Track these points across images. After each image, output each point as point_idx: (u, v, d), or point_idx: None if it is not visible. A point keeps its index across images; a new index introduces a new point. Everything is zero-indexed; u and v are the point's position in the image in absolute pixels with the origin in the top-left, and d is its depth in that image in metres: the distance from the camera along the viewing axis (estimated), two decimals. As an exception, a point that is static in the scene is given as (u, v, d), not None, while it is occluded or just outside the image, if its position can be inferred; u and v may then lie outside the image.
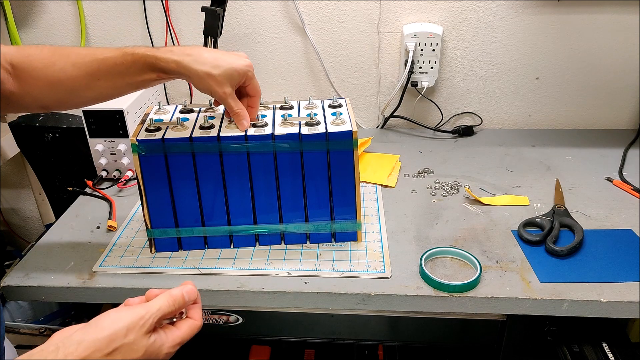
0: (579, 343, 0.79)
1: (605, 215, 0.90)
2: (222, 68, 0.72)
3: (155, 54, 0.70)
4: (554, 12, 1.15)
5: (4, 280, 0.78)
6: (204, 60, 0.71)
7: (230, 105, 0.75)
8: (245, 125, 0.76)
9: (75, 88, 0.72)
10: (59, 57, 0.70)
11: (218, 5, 1.03)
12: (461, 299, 0.73)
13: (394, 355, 1.07)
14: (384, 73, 1.25)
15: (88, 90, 0.73)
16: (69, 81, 0.71)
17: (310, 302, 0.75)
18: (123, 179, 1.04)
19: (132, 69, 0.71)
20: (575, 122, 1.28)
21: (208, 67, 0.71)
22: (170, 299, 0.54)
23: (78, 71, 0.70)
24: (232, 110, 0.75)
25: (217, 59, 0.72)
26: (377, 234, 0.86)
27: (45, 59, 0.70)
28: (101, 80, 0.71)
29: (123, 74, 0.71)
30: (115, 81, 0.72)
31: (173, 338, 0.53)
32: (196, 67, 0.71)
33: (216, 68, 0.71)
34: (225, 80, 0.73)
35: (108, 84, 0.72)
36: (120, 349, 0.48)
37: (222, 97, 0.74)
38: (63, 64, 0.70)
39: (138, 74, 0.71)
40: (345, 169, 0.79)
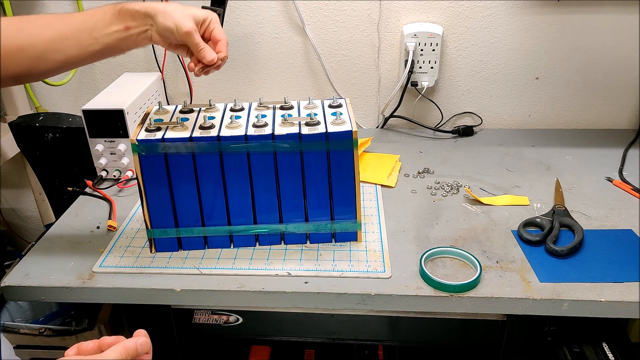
0: (579, 343, 0.79)
1: (605, 215, 0.90)
2: (186, 9, 0.74)
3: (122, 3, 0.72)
4: (554, 12, 1.15)
5: (4, 280, 0.78)
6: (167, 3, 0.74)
7: (196, 43, 0.74)
8: (210, 57, 0.75)
9: (44, 51, 0.71)
10: (27, 21, 0.71)
11: (218, 5, 1.03)
12: (461, 299, 0.73)
13: (394, 355, 1.07)
14: (384, 73, 1.25)
15: (56, 52, 0.72)
16: (39, 44, 0.70)
17: (310, 302, 0.75)
18: (123, 179, 1.04)
19: (100, 22, 0.71)
20: (575, 122, 1.28)
21: (173, 5, 0.73)
22: (123, 351, 0.53)
23: (48, 32, 0.70)
24: (198, 47, 0.75)
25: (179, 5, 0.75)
26: (377, 234, 0.86)
27: (13, 25, 0.70)
28: (70, 39, 0.71)
29: (91, 28, 0.71)
30: (83, 38, 0.72)
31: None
32: (160, 5, 0.72)
33: (179, 7, 0.74)
34: (189, 16, 0.73)
35: (76, 42, 0.72)
36: None
37: (189, 32, 0.73)
38: (31, 26, 0.70)
39: (105, 27, 0.71)
40: (345, 169, 0.79)
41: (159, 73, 1.25)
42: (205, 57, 0.75)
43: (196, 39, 0.74)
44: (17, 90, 1.28)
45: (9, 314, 1.19)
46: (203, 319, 0.84)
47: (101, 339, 0.54)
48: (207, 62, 0.75)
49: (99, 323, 1.02)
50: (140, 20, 0.72)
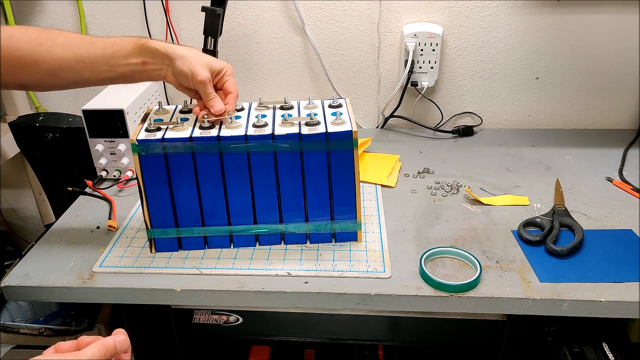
0: (579, 343, 0.79)
1: (605, 215, 0.90)
2: (205, 57, 0.77)
3: (144, 38, 0.75)
4: (554, 12, 1.15)
5: (4, 280, 0.78)
6: (187, 48, 0.76)
7: (208, 92, 0.77)
8: (219, 107, 0.78)
9: (58, 69, 0.73)
10: (46, 37, 0.71)
11: (218, 5, 1.03)
12: (461, 299, 0.73)
13: (394, 355, 1.07)
14: (384, 73, 1.25)
15: (70, 72, 0.73)
16: (53, 62, 0.72)
17: (310, 302, 0.75)
18: (123, 179, 1.04)
19: (119, 52, 0.73)
20: (575, 122, 1.28)
21: (192, 51, 0.76)
22: (102, 348, 0.53)
23: (64, 53, 0.72)
24: (209, 97, 0.77)
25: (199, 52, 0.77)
26: (377, 234, 0.86)
27: (31, 40, 0.71)
28: (86, 62, 0.73)
29: (109, 57, 0.73)
30: (99, 65, 0.73)
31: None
32: (181, 50, 0.75)
33: (199, 54, 0.77)
34: (206, 65, 0.76)
35: (91, 66, 0.73)
36: None
37: (202, 81, 0.76)
38: (50, 44, 0.71)
39: (123, 58, 0.73)
40: (345, 169, 0.79)
41: (159, 73, 1.25)
42: (213, 107, 0.78)
43: (208, 89, 0.77)
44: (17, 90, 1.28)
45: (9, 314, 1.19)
46: (203, 319, 0.84)
47: (79, 338, 0.54)
48: (215, 112, 0.78)
49: (99, 323, 1.02)
50: (159, 59, 0.75)
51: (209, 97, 0.77)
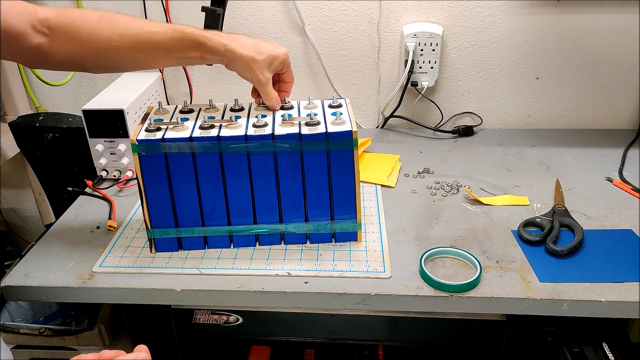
0: (579, 343, 0.79)
1: (605, 215, 0.90)
2: (264, 54, 0.77)
3: (204, 34, 0.74)
4: (554, 12, 1.15)
5: (4, 280, 0.78)
6: (247, 45, 0.76)
7: (267, 92, 0.80)
8: (277, 106, 0.83)
9: (118, 57, 0.73)
10: (106, 25, 0.71)
11: (218, 5, 1.03)
12: (461, 299, 0.73)
13: (394, 355, 1.07)
14: (384, 73, 1.25)
15: (129, 61, 0.75)
16: (113, 51, 0.72)
17: (310, 302, 0.75)
18: (123, 179, 1.04)
19: (178, 47, 0.74)
20: (575, 122, 1.28)
21: (252, 52, 0.76)
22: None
23: (123, 43, 0.72)
24: (268, 96, 0.81)
25: (259, 46, 0.77)
26: (377, 234, 0.86)
27: (90, 27, 0.70)
28: (145, 52, 0.73)
29: (168, 49, 0.74)
30: (158, 55, 0.74)
31: None
32: (241, 52, 0.75)
33: (259, 54, 0.76)
34: (266, 66, 0.77)
35: (151, 56, 0.74)
36: None
37: (262, 82, 0.78)
38: (109, 33, 0.71)
39: (183, 52, 0.74)
40: (345, 169, 0.79)
41: (159, 73, 1.25)
42: (272, 106, 0.82)
43: (267, 89, 0.80)
44: (17, 90, 1.28)
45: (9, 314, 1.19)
46: (203, 319, 0.84)
47: (101, 352, 0.54)
48: (272, 110, 0.83)
49: (99, 323, 1.02)
50: (218, 57, 0.76)
51: (269, 96, 0.81)
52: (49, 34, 0.69)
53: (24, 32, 0.67)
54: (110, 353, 0.54)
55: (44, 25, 0.68)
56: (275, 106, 0.82)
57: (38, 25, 0.68)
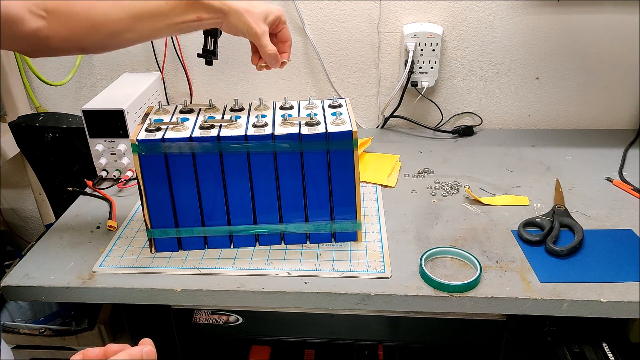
0: (579, 343, 0.79)
1: (605, 215, 0.90)
2: (259, 7, 0.76)
3: None
4: (554, 12, 1.15)
5: (4, 280, 0.78)
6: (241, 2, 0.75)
7: (265, 44, 0.78)
8: (277, 64, 0.80)
9: (117, 30, 0.72)
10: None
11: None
12: (461, 299, 0.73)
13: (394, 355, 1.07)
14: (384, 73, 1.25)
15: (130, 32, 0.74)
16: (111, 24, 0.71)
17: (310, 302, 0.75)
18: (123, 179, 1.04)
19: (175, 10, 0.73)
20: (575, 122, 1.28)
21: (246, 4, 0.75)
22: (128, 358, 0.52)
23: (120, 13, 0.71)
24: (266, 49, 0.78)
25: (252, 3, 0.76)
26: (377, 234, 0.86)
27: (85, 2, 0.70)
28: (143, 21, 0.73)
29: (165, 14, 0.73)
30: (156, 23, 0.74)
31: None
32: (236, 4, 0.74)
33: (253, 6, 0.76)
34: (261, 18, 0.76)
35: (150, 25, 0.74)
36: None
37: (258, 35, 0.76)
38: (104, 5, 0.71)
39: (179, 15, 0.73)
40: (345, 169, 0.79)
41: (159, 73, 1.25)
42: (271, 60, 0.80)
43: (264, 41, 0.77)
44: (17, 90, 1.28)
45: (9, 314, 1.19)
46: (203, 319, 0.84)
47: (107, 346, 0.54)
48: (272, 65, 0.81)
49: (99, 323, 1.02)
50: (214, 14, 0.75)
51: (266, 49, 0.78)
52: (46, 17, 0.69)
53: (22, 17, 0.66)
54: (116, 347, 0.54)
55: (40, 8, 0.68)
56: (275, 61, 0.80)
57: (35, 8, 0.67)
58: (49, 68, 1.28)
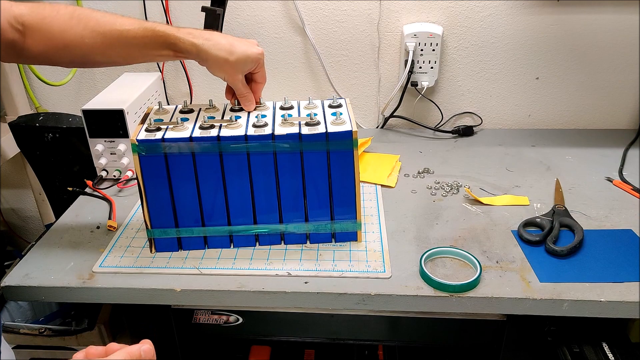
0: (579, 343, 0.79)
1: (605, 215, 0.90)
2: (237, 55, 0.76)
3: (176, 34, 0.74)
4: (554, 12, 1.15)
5: (4, 280, 0.78)
6: (221, 46, 0.75)
7: (240, 89, 0.81)
8: (251, 107, 0.83)
9: (89, 53, 0.73)
10: (77, 21, 0.71)
11: (218, 5, 1.03)
12: (461, 299, 0.73)
13: (394, 355, 1.07)
14: (384, 73, 1.25)
15: (102, 57, 0.75)
16: (85, 47, 0.72)
17: (310, 302, 0.75)
18: (123, 179, 1.04)
19: (150, 45, 0.74)
20: (575, 122, 1.28)
21: (224, 53, 0.75)
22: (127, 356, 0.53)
23: (95, 39, 0.72)
24: (241, 93, 0.81)
25: (233, 46, 0.76)
26: (377, 234, 0.86)
27: (62, 23, 0.71)
28: (117, 49, 0.74)
29: (140, 47, 0.74)
30: (131, 52, 0.75)
31: None
32: (214, 52, 0.75)
33: (232, 54, 0.76)
34: (239, 67, 0.77)
35: (123, 53, 0.75)
36: None
37: (234, 82, 0.79)
38: (81, 29, 0.71)
39: (155, 50, 0.75)
40: (345, 169, 0.79)
41: (159, 73, 1.25)
42: (246, 106, 0.83)
43: (240, 87, 0.80)
44: (17, 90, 1.28)
45: (9, 314, 1.19)
46: (203, 319, 0.84)
47: (109, 345, 0.55)
48: (246, 110, 0.83)
49: (99, 323, 1.02)
50: (190, 56, 0.76)
51: (242, 94, 0.81)
52: (23, 31, 0.69)
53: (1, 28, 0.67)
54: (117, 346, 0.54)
55: (19, 22, 0.69)
56: (248, 104, 0.82)
57: (14, 21, 0.68)
58: (49, 68, 1.28)
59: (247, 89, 0.81)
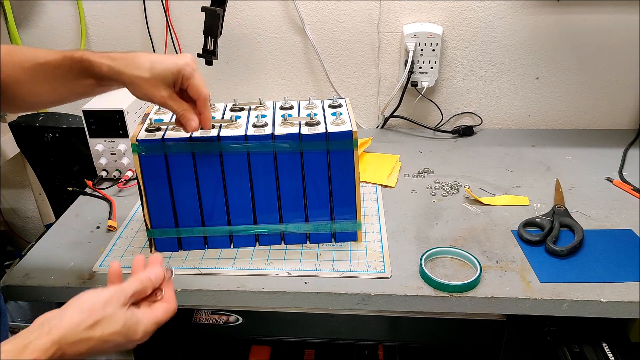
0: (579, 343, 0.79)
1: (605, 215, 0.90)
2: (155, 70, 0.67)
3: (90, 58, 0.66)
4: (554, 12, 1.15)
5: (4, 280, 0.78)
6: (137, 64, 0.67)
7: (171, 107, 0.69)
8: (192, 125, 0.70)
9: (18, 91, 0.69)
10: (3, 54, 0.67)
11: (218, 5, 1.03)
12: (461, 299, 0.73)
13: (394, 355, 1.07)
14: (383, 73, 1.25)
15: (30, 95, 0.70)
16: (12, 84, 0.68)
17: (310, 302, 0.75)
18: (123, 179, 1.04)
19: (70, 74, 0.67)
20: (575, 122, 1.28)
21: (140, 71, 0.66)
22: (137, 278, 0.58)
23: (19, 72, 0.67)
24: (175, 111, 0.70)
25: (152, 62, 0.67)
26: (377, 234, 0.86)
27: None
28: (42, 84, 0.68)
29: (62, 78, 0.68)
30: (56, 86, 0.69)
31: (149, 317, 0.56)
32: (129, 72, 0.66)
33: (148, 71, 0.67)
34: (159, 83, 0.67)
35: (48, 88, 0.69)
36: (101, 322, 0.51)
37: (161, 101, 0.69)
38: (5, 62, 0.67)
39: (76, 79, 0.68)
40: (345, 169, 0.79)
41: (159, 73, 1.24)
42: (185, 125, 0.71)
43: (172, 106, 0.69)
44: (17, 90, 1.28)
45: (8, 314, 1.19)
46: (203, 319, 0.84)
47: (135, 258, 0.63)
48: (189, 131, 0.71)
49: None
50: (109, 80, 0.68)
51: (176, 112, 0.70)
52: None
53: None
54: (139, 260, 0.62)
55: None
56: (190, 122, 0.70)
57: None
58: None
59: (182, 106, 0.69)
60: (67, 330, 0.49)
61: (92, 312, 0.51)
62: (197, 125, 0.71)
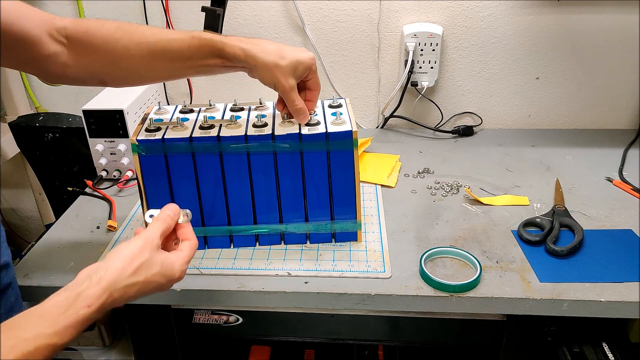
0: (579, 343, 0.79)
1: (605, 215, 0.90)
2: (288, 59, 0.71)
3: (223, 40, 0.70)
4: (554, 12, 1.15)
5: (4, 280, 0.78)
6: (270, 51, 0.71)
7: (292, 99, 0.74)
8: (304, 120, 0.77)
9: (135, 67, 0.71)
10: (123, 34, 0.69)
11: (218, 5, 1.03)
12: (461, 299, 0.73)
13: (394, 355, 1.07)
14: (383, 73, 1.25)
15: (148, 71, 0.72)
16: (131, 60, 0.70)
17: (310, 302, 0.75)
18: (123, 179, 1.04)
19: (197, 54, 0.70)
20: (575, 122, 1.28)
21: (274, 57, 0.71)
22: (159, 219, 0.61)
23: (141, 51, 0.69)
24: (293, 104, 0.75)
25: (282, 51, 0.72)
26: (377, 234, 0.86)
27: (107, 36, 0.69)
28: (164, 61, 0.71)
29: (187, 57, 0.71)
30: (177, 65, 0.72)
31: (181, 256, 0.60)
32: (263, 57, 0.70)
33: (282, 59, 0.71)
34: (290, 72, 0.72)
35: (170, 66, 0.72)
36: (142, 266, 0.55)
37: (286, 90, 0.73)
38: (126, 41, 0.69)
39: (203, 59, 0.71)
40: (345, 169, 0.79)
41: (159, 73, 1.25)
42: (298, 117, 0.77)
43: (293, 97, 0.74)
44: (17, 90, 1.28)
45: (9, 314, 1.19)
46: (203, 319, 0.84)
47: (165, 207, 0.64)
48: (298, 121, 0.78)
49: (99, 323, 1.02)
50: (239, 63, 0.71)
51: (294, 104, 0.75)
52: (66, 44, 0.68)
53: (39, 39, 0.65)
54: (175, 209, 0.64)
55: (61, 34, 0.67)
56: (302, 117, 0.77)
57: (55, 33, 0.67)
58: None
59: (300, 101, 0.75)
60: (114, 278, 0.53)
61: (133, 259, 0.55)
62: (307, 117, 0.78)
